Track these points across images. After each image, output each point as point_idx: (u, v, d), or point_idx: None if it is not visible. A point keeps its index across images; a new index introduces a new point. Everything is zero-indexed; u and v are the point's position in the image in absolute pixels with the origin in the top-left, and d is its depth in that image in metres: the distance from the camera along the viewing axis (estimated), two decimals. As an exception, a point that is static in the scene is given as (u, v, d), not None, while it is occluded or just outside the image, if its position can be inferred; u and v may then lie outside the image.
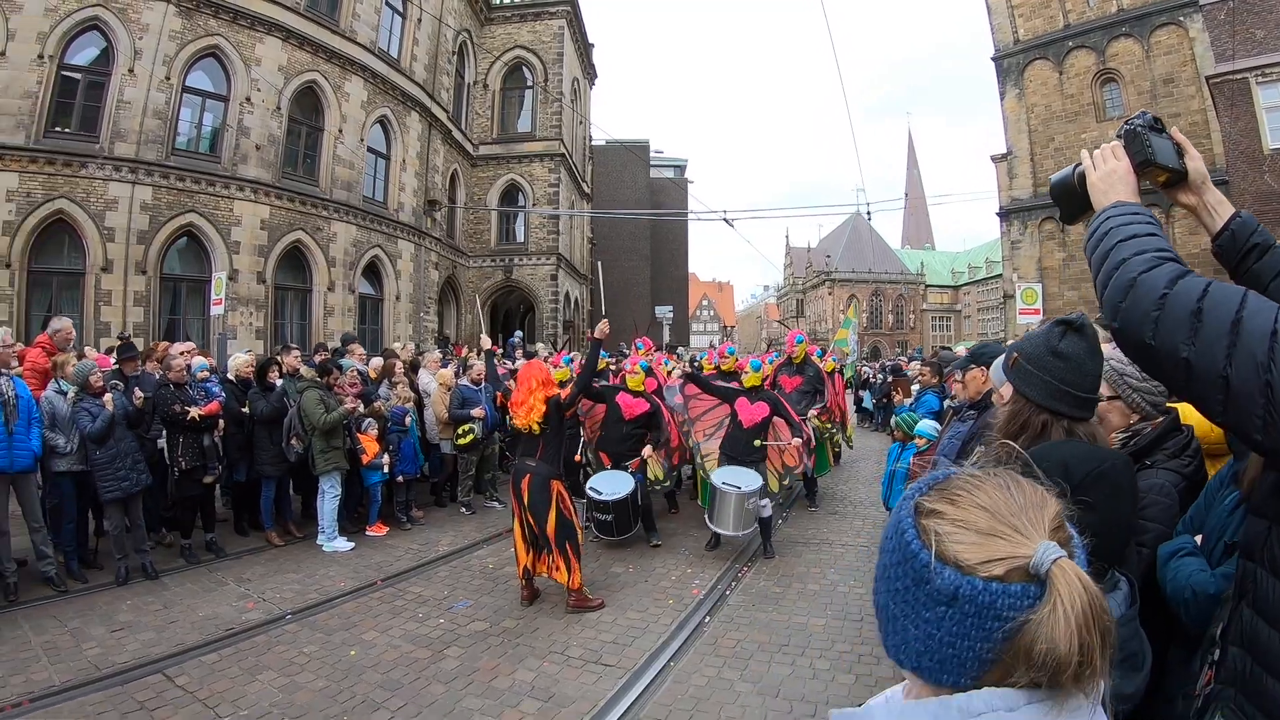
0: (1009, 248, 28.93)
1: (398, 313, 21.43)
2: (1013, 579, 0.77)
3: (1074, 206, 1.62)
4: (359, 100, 19.94)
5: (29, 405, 6.60)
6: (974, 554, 0.79)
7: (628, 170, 41.59)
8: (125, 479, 6.80)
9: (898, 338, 71.92)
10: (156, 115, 15.51)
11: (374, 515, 8.91)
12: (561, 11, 28.43)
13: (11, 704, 4.47)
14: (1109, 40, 25.45)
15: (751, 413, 7.91)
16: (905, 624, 0.84)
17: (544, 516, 6.05)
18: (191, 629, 5.78)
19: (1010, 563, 0.78)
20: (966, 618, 0.78)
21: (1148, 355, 1.29)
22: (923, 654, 0.82)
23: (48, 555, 6.62)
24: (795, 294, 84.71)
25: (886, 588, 0.88)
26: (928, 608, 0.81)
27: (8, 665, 5.03)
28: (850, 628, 5.74)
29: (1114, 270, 1.34)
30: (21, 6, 14.08)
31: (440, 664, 5.18)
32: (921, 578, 0.82)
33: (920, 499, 0.89)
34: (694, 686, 4.78)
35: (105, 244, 14.67)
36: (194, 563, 7.49)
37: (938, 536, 0.82)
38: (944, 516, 0.84)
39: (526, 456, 6.29)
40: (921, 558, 0.82)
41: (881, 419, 20.38)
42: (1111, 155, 1.53)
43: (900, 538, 0.86)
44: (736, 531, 7.47)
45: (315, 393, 8.17)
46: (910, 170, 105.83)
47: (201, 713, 4.43)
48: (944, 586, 0.79)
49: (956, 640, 0.79)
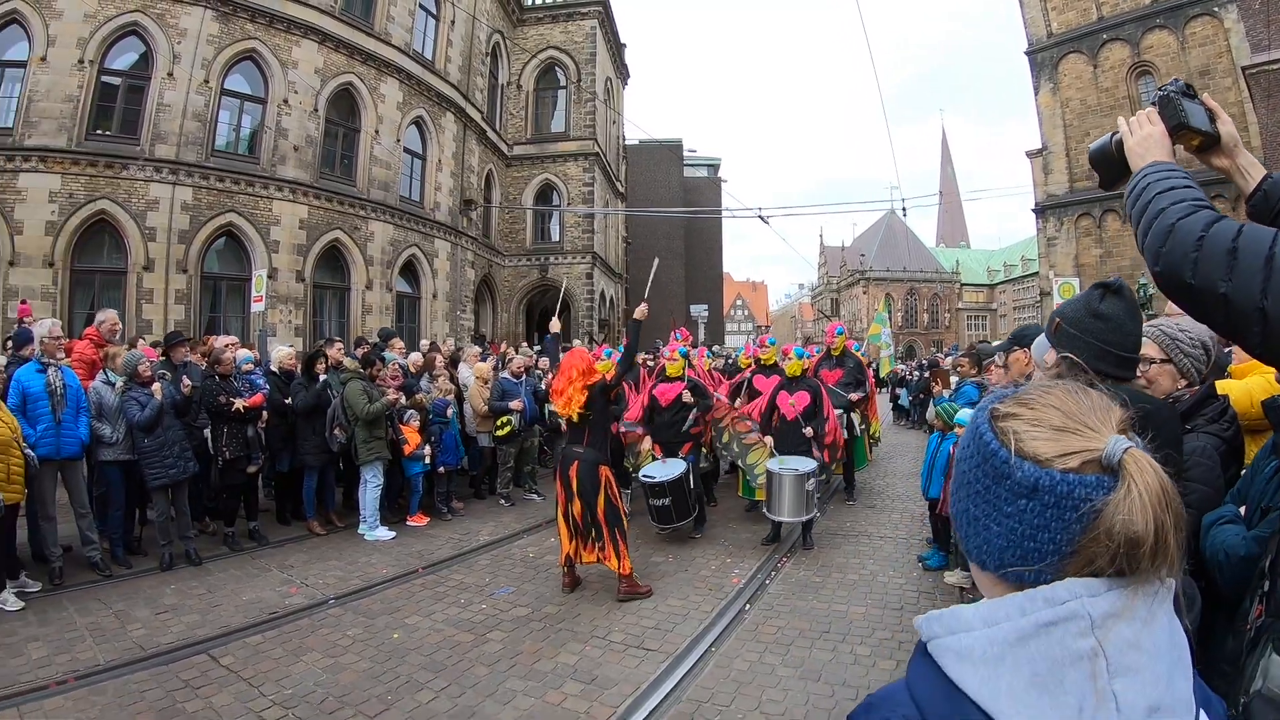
0: (1045, 244, 28.55)
1: (434, 311, 21.56)
2: (1088, 471, 0.80)
3: (1112, 172, 1.68)
4: (395, 101, 20.07)
5: (77, 394, 6.68)
6: (1050, 448, 0.82)
7: (661, 169, 41.49)
8: (172, 466, 6.88)
9: (933, 337, 71.10)
10: (196, 117, 15.72)
11: (415, 505, 8.94)
12: (593, 12, 28.46)
13: (56, 681, 4.51)
14: (1143, 32, 25.02)
15: (792, 404, 7.87)
16: (988, 523, 0.86)
17: (593, 502, 6.06)
18: (235, 612, 5.82)
19: (1085, 455, 0.80)
20: (1046, 509, 0.80)
21: (1189, 294, 1.37)
22: (1005, 550, 0.84)
23: (93, 541, 6.69)
24: (830, 293, 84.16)
25: (967, 493, 0.90)
26: (1009, 502, 0.83)
27: (53, 645, 5.08)
28: (891, 616, 5.69)
29: (1154, 219, 1.42)
30: (61, 13, 14.38)
31: (483, 647, 5.17)
32: (1001, 474, 0.84)
33: (994, 406, 0.91)
34: (736, 670, 4.75)
35: (147, 243, 14.88)
36: (237, 550, 7.54)
37: (1015, 435, 0.84)
38: (1019, 417, 0.86)
39: (573, 444, 6.32)
40: (1001, 454, 0.84)
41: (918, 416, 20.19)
42: (1147, 120, 1.58)
43: (978, 440, 0.88)
44: (796, 517, 7.41)
45: (359, 384, 8.23)
46: (944, 168, 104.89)
47: (246, 691, 4.45)
48: (1024, 479, 0.81)
49: (1038, 532, 0.81)
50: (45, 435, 6.30)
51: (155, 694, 4.37)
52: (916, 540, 7.91)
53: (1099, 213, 26.51)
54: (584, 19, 28.46)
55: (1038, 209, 28.42)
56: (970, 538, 0.89)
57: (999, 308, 75.52)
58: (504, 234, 27.78)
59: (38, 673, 4.62)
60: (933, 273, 75.71)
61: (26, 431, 6.13)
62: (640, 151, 40.00)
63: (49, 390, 6.41)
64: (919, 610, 5.67)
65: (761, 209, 19.18)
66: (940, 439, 6.86)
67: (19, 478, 5.85)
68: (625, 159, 36.96)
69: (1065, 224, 27.54)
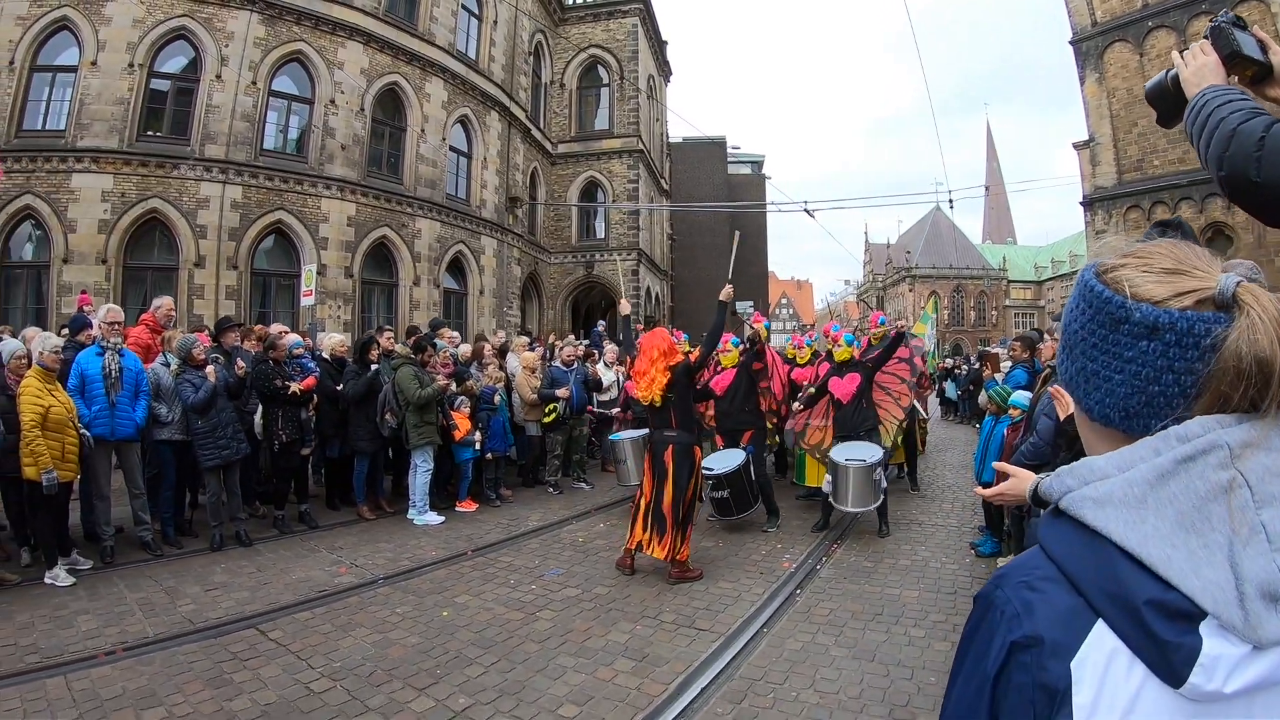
0: (1093, 238, 27.73)
1: (481, 307, 21.64)
2: (1204, 309, 0.77)
3: (1169, 106, 1.67)
4: (439, 100, 20.17)
5: (136, 377, 6.78)
6: (1163, 289, 0.80)
7: (705, 167, 41.24)
8: (225, 448, 6.96)
9: (980, 335, 69.68)
10: (244, 118, 15.94)
11: (464, 491, 8.92)
12: (634, 9, 28.34)
13: (105, 651, 4.52)
14: (1189, 19, 24.14)
15: (844, 386, 7.78)
16: (1108, 374, 0.83)
17: (685, 485, 6.05)
18: (285, 590, 5.83)
19: (1198, 294, 0.78)
20: (1169, 348, 0.77)
21: (1255, 192, 1.39)
22: (1130, 397, 0.81)
23: (145, 521, 6.78)
24: (875, 291, 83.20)
25: (1081, 349, 0.86)
26: (1129, 347, 0.80)
27: (102, 618, 5.11)
28: (944, 600, 5.61)
29: (1215, 129, 1.44)
30: (110, 19, 14.75)
31: (533, 625, 5.14)
32: (1118, 319, 0.81)
33: (1099, 263, 0.88)
34: (789, 650, 4.68)
35: (197, 240, 15.13)
36: (287, 533, 7.58)
37: (1128, 281, 0.82)
38: (1127, 266, 0.84)
39: (662, 428, 6.25)
40: (1115, 300, 0.82)
41: (967, 410, 19.88)
42: (1200, 52, 1.58)
43: (1090, 294, 0.85)
44: (860, 507, 7.25)
45: (410, 369, 8.23)
46: (990, 163, 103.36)
47: (294, 664, 4.44)
48: (1143, 319, 0.79)
49: (1162, 374, 0.78)
50: (100, 416, 6.41)
51: (203, 665, 4.37)
52: (968, 528, 7.80)
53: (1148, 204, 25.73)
54: (625, 17, 28.35)
55: (1085, 202, 27.67)
56: (1091, 394, 0.86)
57: (1047, 305, 73.83)
58: (549, 231, 27.81)
59: (86, 643, 4.65)
60: (979, 269, 74.35)
61: (83, 412, 6.25)
62: (684, 149, 39.81)
63: (105, 373, 6.50)
64: (971, 594, 5.51)
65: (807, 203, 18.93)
66: (994, 423, 6.81)
67: (73, 456, 5.98)
68: (669, 156, 36.77)
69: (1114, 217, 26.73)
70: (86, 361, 6.53)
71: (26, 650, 4.52)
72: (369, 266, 18.30)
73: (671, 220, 37.36)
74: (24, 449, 5.62)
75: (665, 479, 6.03)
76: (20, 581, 5.75)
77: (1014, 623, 0.77)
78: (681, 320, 32.96)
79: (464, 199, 21.38)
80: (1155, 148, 24.96)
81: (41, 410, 5.68)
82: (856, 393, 7.71)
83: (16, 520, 6.35)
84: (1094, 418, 0.87)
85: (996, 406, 6.68)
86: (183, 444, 7.03)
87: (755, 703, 3.97)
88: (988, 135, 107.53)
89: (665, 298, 34.57)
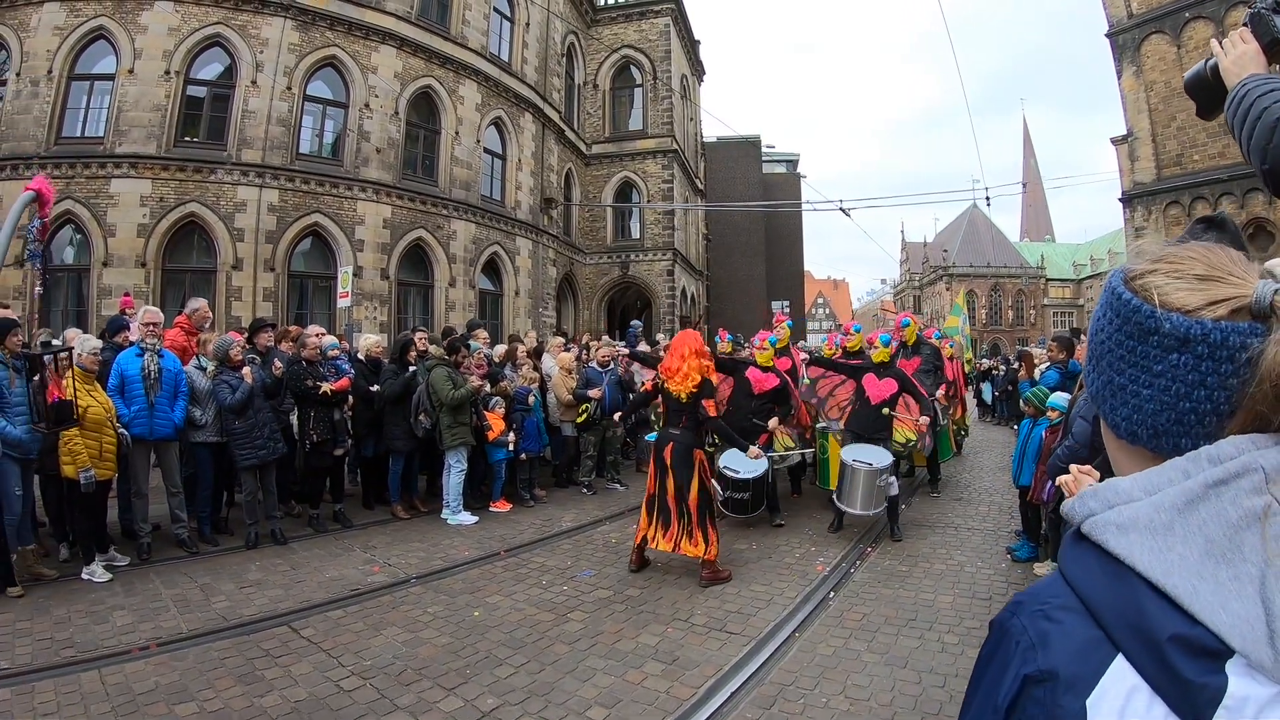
0: (1132, 235, 27.22)
1: (517, 308, 21.72)
2: (1238, 319, 0.71)
3: (1209, 97, 1.62)
4: (473, 103, 20.28)
5: (175, 378, 6.87)
6: (1195, 298, 0.74)
7: (739, 166, 41.04)
8: (262, 448, 7.02)
9: (1018, 334, 68.71)
10: (280, 123, 16.15)
11: (498, 491, 8.92)
12: (666, 9, 28.31)
13: (139, 646, 4.57)
14: (1227, 9, 23.55)
15: (880, 388, 7.74)
16: (1136, 388, 0.78)
17: (687, 485, 6.05)
18: (318, 588, 5.86)
19: (1233, 302, 0.72)
20: (1201, 360, 0.72)
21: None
22: (1159, 414, 0.76)
23: (182, 520, 6.85)
24: (912, 290, 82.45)
25: (1108, 362, 0.81)
26: (1158, 360, 0.75)
27: (138, 614, 5.16)
28: (979, 605, 5.52)
29: (1257, 119, 1.39)
30: (146, 28, 15.08)
31: (564, 626, 5.12)
32: (1147, 329, 0.76)
33: (1127, 269, 0.82)
34: (820, 655, 4.63)
35: (235, 244, 15.36)
36: (321, 532, 7.62)
37: (1157, 289, 0.76)
38: (1157, 272, 0.78)
39: (670, 426, 6.35)
40: (1144, 309, 0.76)
41: (1005, 412, 19.58)
42: (1240, 40, 1.54)
43: (1118, 303, 0.80)
44: (866, 510, 7.25)
45: (444, 370, 8.24)
46: (1027, 160, 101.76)
47: (325, 661, 4.45)
48: (1174, 330, 0.73)
49: (1193, 390, 0.73)
50: (139, 416, 6.50)
51: (235, 661, 4.39)
52: (1004, 533, 7.67)
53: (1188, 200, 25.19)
54: (657, 17, 28.33)
55: (1124, 198, 27.18)
56: (1117, 409, 0.81)
57: (1085, 304, 72.56)
58: (585, 232, 27.87)
59: (121, 638, 4.70)
60: (1017, 268, 73.46)
61: (122, 412, 6.34)
62: (718, 148, 39.72)
63: (144, 374, 6.59)
64: (1007, 600, 5.33)
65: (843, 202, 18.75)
66: (1031, 425, 6.71)
67: (111, 455, 6.06)
68: (703, 156, 36.72)
69: (1153, 213, 26.22)
70: (126, 362, 6.61)
71: (62, 645, 4.57)
72: (405, 268, 18.43)
73: (707, 220, 37.30)
74: (62, 448, 5.70)
75: (666, 474, 6.11)
76: (58, 577, 5.82)
77: (1028, 655, 0.73)
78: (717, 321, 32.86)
79: (499, 200, 21.47)
80: (1195, 142, 24.47)
81: (80, 409, 5.73)
82: (888, 400, 7.69)
83: (55, 517, 6.45)
84: (1120, 434, 0.82)
85: (1034, 409, 6.60)
86: (219, 445, 7.11)
87: (785, 708, 3.92)
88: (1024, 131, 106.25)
89: (701, 298, 34.51)
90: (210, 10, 15.55)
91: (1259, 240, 23.54)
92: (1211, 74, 1.59)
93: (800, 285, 49.60)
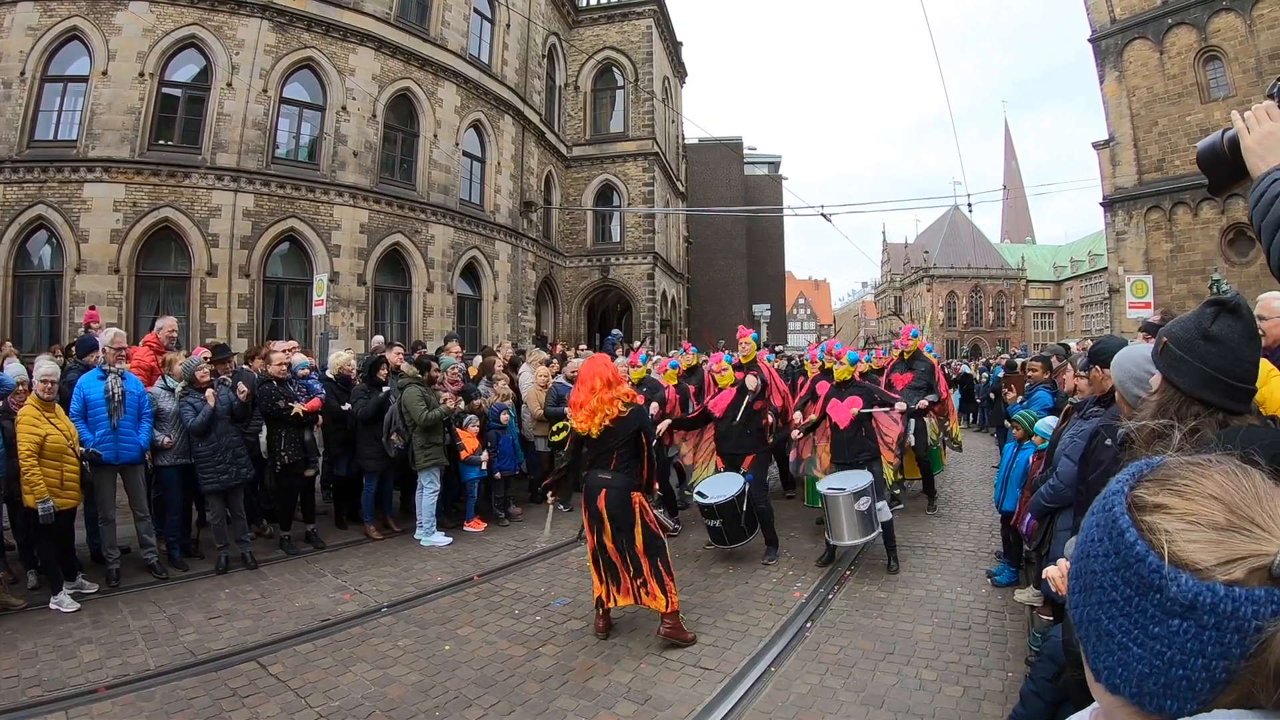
0: (1114, 239, 27.68)
1: (496, 313, 21.65)
2: (1254, 582, 0.65)
3: (1224, 175, 1.49)
4: (452, 105, 20.19)
5: (139, 400, 6.78)
6: (1210, 554, 0.67)
7: (721, 168, 41.22)
8: (224, 472, 6.91)
9: (998, 335, 69.33)
10: (256, 126, 16.02)
11: (471, 511, 8.86)
12: (648, 11, 28.32)
13: (106, 685, 4.49)
14: (1210, 16, 24.01)
15: (843, 411, 7.26)
16: (1126, 642, 0.71)
17: (630, 534, 5.31)
18: (287, 618, 5.78)
19: (1252, 562, 0.66)
20: (1204, 630, 0.66)
21: None
22: (1146, 677, 0.70)
23: (151, 544, 6.77)
24: (893, 291, 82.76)
25: (1098, 600, 0.74)
26: (1158, 621, 0.68)
27: (106, 648, 5.09)
28: (958, 636, 5.43)
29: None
30: (120, 28, 14.90)
31: (535, 662, 5.05)
32: (1150, 585, 0.69)
33: (1136, 491, 0.75)
34: (795, 694, 4.54)
35: (210, 249, 15.23)
36: (293, 554, 7.55)
37: (1167, 535, 0.69)
38: (1170, 511, 0.71)
39: (598, 469, 5.43)
40: (1150, 562, 0.69)
41: (986, 418, 19.58)
42: (1266, 116, 1.39)
43: (1118, 539, 0.72)
44: (854, 540, 6.83)
45: (417, 389, 8.18)
46: (1008, 162, 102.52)
47: (293, 701, 4.38)
48: (1181, 595, 0.66)
49: (1190, 659, 0.67)
50: (104, 440, 6.40)
51: (202, 701, 4.32)
52: (985, 553, 7.58)
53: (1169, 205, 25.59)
54: (639, 18, 28.35)
55: (1105, 202, 27.55)
56: (1100, 655, 0.75)
57: (1066, 305, 73.35)
58: (565, 235, 27.87)
59: (88, 675, 4.63)
60: (998, 269, 73.95)
61: (85, 436, 6.25)
62: (700, 150, 39.84)
63: (107, 397, 6.51)
64: (986, 630, 5.53)
65: (824, 207, 18.83)
66: (1016, 448, 6.56)
67: (74, 483, 5.97)
68: (685, 158, 36.81)
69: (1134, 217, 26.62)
70: (89, 385, 6.52)
71: (29, 683, 4.50)
72: (382, 273, 18.37)
73: (688, 222, 37.34)
74: (22, 476, 5.62)
75: (603, 527, 5.35)
76: (26, 606, 5.75)
77: None
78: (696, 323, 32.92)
79: (478, 204, 21.42)
80: (1176, 147, 24.81)
81: (38, 439, 5.66)
82: (856, 419, 7.21)
83: (24, 543, 6.39)
84: (1100, 680, 0.76)
85: (1023, 432, 6.39)
86: (187, 467, 7.03)
87: (758, 752, 3.85)
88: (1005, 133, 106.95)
89: (681, 301, 34.60)
90: (185, 11, 15.39)
91: (1239, 245, 23.91)
92: (1229, 147, 1.46)
93: (782, 287, 49.89)
